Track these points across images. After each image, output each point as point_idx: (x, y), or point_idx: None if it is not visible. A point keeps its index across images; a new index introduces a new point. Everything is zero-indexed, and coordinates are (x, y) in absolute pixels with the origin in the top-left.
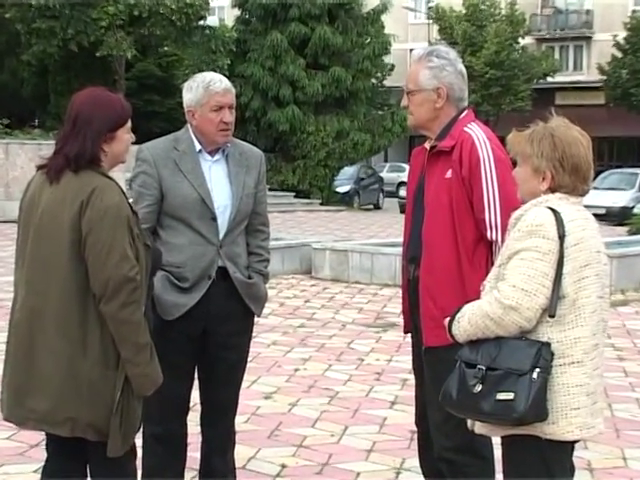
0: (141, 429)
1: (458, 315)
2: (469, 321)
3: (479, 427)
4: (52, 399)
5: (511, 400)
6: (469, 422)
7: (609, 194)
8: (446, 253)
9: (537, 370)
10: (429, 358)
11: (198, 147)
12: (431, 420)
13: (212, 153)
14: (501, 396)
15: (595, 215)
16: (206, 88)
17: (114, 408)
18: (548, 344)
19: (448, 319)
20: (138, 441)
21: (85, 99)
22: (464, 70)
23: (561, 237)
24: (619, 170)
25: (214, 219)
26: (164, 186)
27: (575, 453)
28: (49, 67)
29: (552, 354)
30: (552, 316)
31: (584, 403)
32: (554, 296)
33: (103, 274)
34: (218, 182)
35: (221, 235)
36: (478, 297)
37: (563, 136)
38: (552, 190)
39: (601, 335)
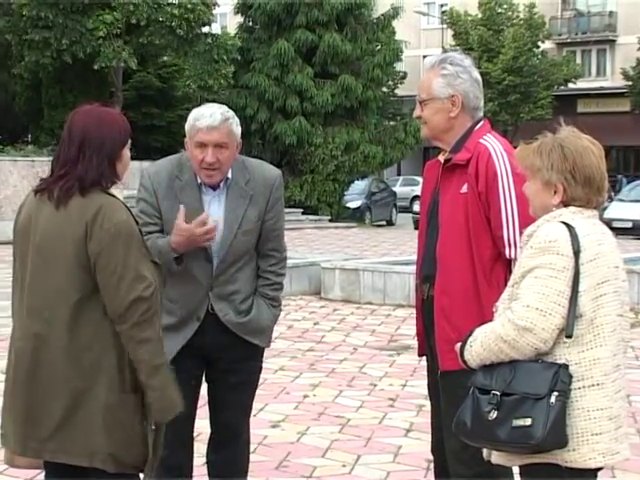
0: None
1: (470, 339)
2: (482, 345)
3: (496, 457)
4: (67, 428)
5: (528, 426)
6: (485, 452)
7: (635, 206)
8: (462, 272)
9: (555, 394)
10: (445, 383)
11: (199, 180)
12: (448, 447)
13: (215, 187)
14: (518, 422)
15: (621, 229)
16: (194, 121)
17: (145, 431)
18: (566, 366)
19: (459, 344)
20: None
21: (89, 119)
22: (479, 78)
23: (576, 253)
24: None
25: (209, 261)
26: (163, 217)
27: None
28: (42, 80)
29: (570, 377)
30: (569, 336)
31: (607, 428)
32: (571, 315)
33: (118, 295)
34: (214, 220)
35: (212, 277)
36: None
37: (573, 146)
38: (565, 204)
39: (622, 356)
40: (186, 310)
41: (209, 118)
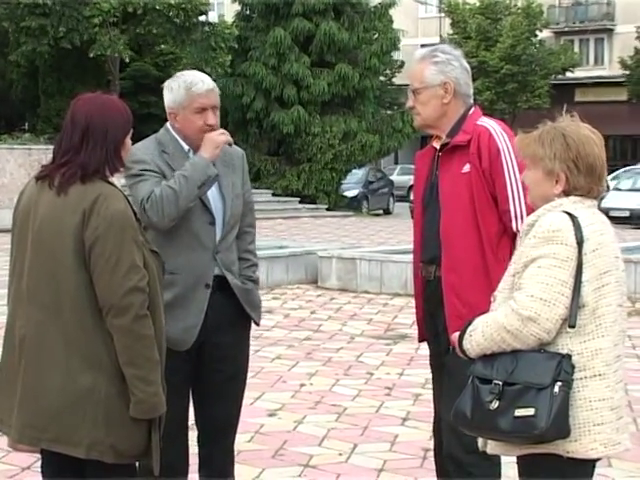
0: None
1: (470, 328)
2: (483, 334)
3: (492, 447)
4: (66, 418)
5: (531, 416)
6: (480, 442)
7: (633, 195)
8: (469, 248)
9: (558, 384)
10: (454, 359)
11: (186, 147)
12: (444, 420)
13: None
14: (520, 412)
15: (618, 218)
16: (188, 89)
17: (142, 421)
18: (569, 356)
19: (458, 333)
20: None
21: (92, 107)
22: (469, 67)
23: (579, 243)
24: None
25: (212, 223)
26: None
27: (598, 470)
28: (39, 68)
29: (573, 367)
30: (572, 326)
31: (608, 418)
32: (574, 305)
33: (112, 285)
34: None
35: (217, 240)
36: None
37: (575, 135)
38: (566, 193)
39: (622, 346)
40: (193, 277)
41: (204, 83)
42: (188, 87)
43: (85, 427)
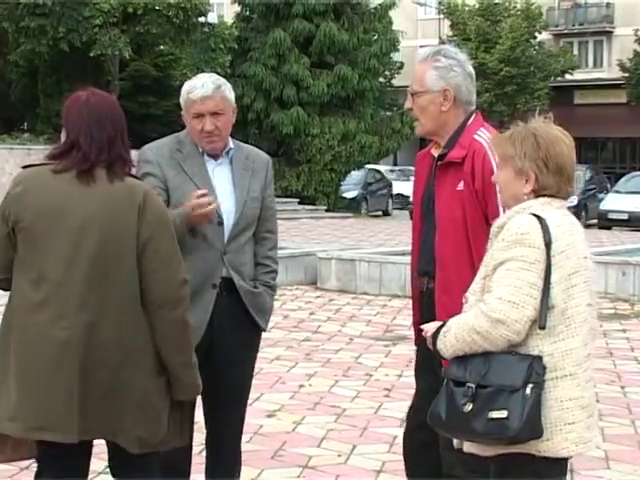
0: None
1: (444, 329)
2: (455, 336)
3: (468, 446)
4: (106, 411)
5: (504, 418)
6: (455, 441)
7: (632, 198)
8: (462, 270)
9: (530, 385)
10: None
11: (202, 149)
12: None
13: (216, 156)
14: (493, 415)
15: (617, 220)
16: (187, 95)
17: (168, 413)
18: (540, 357)
19: (431, 333)
20: None
21: (107, 102)
22: (473, 72)
23: (547, 245)
24: None
25: (221, 223)
26: (170, 187)
27: (596, 472)
28: (39, 68)
29: (544, 368)
30: (542, 328)
31: (579, 417)
32: (543, 307)
33: (166, 279)
34: (222, 186)
35: (225, 241)
36: None
37: (545, 135)
38: (535, 193)
39: (592, 344)
40: (200, 276)
41: (202, 89)
42: (188, 91)
43: (120, 418)
